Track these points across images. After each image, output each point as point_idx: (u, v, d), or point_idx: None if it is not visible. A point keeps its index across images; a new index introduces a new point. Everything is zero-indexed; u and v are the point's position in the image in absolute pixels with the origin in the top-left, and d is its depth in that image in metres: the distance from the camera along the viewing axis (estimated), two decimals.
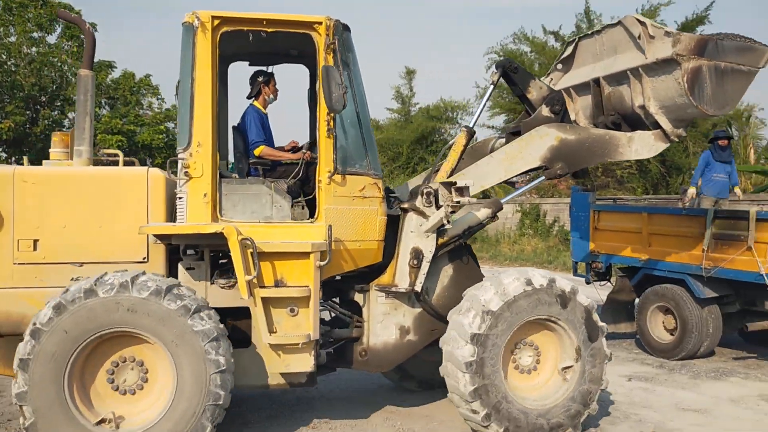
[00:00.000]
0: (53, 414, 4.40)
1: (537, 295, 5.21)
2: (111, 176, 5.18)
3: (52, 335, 4.41)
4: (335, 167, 5.18)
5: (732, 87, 5.82)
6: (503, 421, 5.08)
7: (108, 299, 4.49)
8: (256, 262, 4.82)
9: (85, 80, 5.32)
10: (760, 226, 7.38)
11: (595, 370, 5.32)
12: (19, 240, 4.93)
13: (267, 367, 5.03)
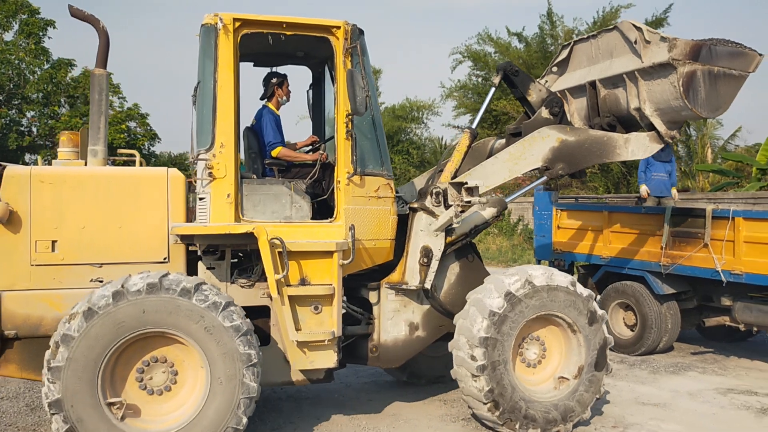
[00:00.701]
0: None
1: (573, 298, 5.50)
2: (131, 177, 5.17)
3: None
4: (354, 168, 5.30)
5: (724, 90, 6.15)
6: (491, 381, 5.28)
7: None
8: (286, 262, 4.90)
9: (100, 79, 5.29)
10: (715, 223, 7.54)
11: (586, 395, 5.49)
12: (36, 241, 4.88)
13: (292, 363, 5.10)
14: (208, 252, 5.27)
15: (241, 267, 5.41)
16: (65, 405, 4.33)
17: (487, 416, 5.34)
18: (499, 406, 5.23)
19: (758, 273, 7.12)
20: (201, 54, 5.26)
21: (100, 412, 4.40)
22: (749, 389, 6.87)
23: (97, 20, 5.28)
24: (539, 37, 19.74)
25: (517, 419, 5.27)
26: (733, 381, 7.22)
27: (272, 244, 4.89)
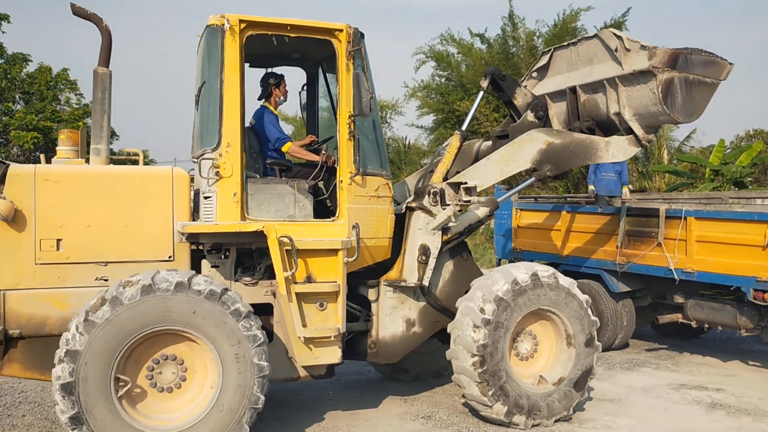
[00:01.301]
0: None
1: (584, 314, 5.84)
2: (137, 176, 5.17)
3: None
4: (357, 168, 5.42)
5: (699, 97, 6.52)
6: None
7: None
8: (295, 259, 4.99)
9: (103, 78, 5.27)
10: (669, 223, 7.68)
11: (557, 405, 5.66)
12: (41, 240, 4.85)
13: (297, 359, 5.19)
14: (212, 250, 5.31)
15: (244, 265, 5.47)
16: (77, 389, 4.32)
17: (468, 370, 5.46)
18: (485, 363, 5.42)
19: (709, 271, 7.29)
20: (205, 54, 5.30)
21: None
22: (700, 384, 7.07)
23: (99, 19, 5.27)
24: (501, 39, 20.15)
25: (494, 386, 5.44)
26: (686, 377, 7.40)
27: (281, 243, 4.97)
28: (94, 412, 4.37)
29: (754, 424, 5.78)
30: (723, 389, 6.87)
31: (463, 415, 5.92)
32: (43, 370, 4.88)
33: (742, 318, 7.24)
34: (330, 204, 5.78)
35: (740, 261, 6.98)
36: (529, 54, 18.89)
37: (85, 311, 4.44)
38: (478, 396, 5.49)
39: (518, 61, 19.10)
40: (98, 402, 4.37)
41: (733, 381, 7.22)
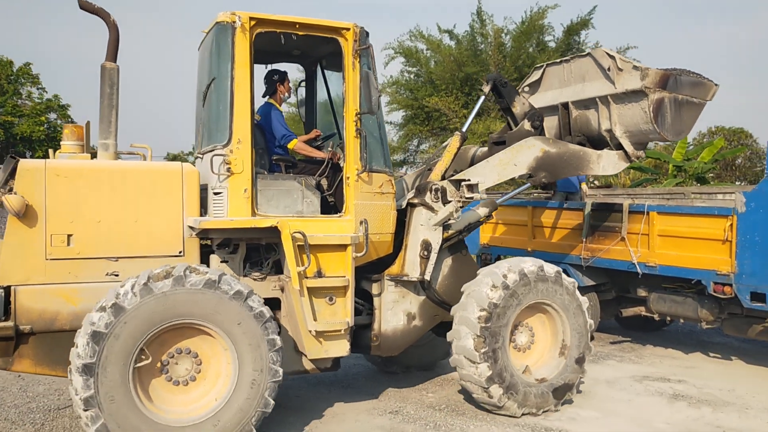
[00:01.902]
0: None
1: (585, 332, 6.16)
2: (147, 171, 5.17)
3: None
4: (363, 165, 5.52)
5: (687, 116, 6.83)
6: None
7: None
8: (308, 254, 5.07)
9: (111, 73, 5.24)
10: (632, 218, 7.78)
11: (530, 398, 5.80)
12: (52, 235, 4.83)
13: (307, 352, 5.28)
14: (221, 245, 5.35)
15: (251, 260, 5.52)
16: (96, 370, 4.35)
17: (472, 322, 5.64)
18: (489, 320, 5.64)
19: (671, 265, 7.43)
20: (214, 51, 5.32)
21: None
22: (663, 376, 7.20)
23: (107, 14, 5.24)
24: (470, 35, 20.33)
25: (489, 345, 5.62)
26: (648, 369, 7.53)
27: (294, 238, 5.05)
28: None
29: (714, 414, 5.96)
30: (684, 380, 7.03)
31: (431, 409, 6.01)
32: (54, 365, 4.86)
33: (703, 311, 7.40)
34: (331, 200, 5.87)
35: (701, 255, 7.14)
36: (498, 51, 19.14)
37: (147, 276, 4.53)
38: (471, 349, 5.61)
39: (486, 58, 19.34)
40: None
41: (694, 372, 7.39)
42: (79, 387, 4.34)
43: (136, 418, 4.44)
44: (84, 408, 4.34)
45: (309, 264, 5.10)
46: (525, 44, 19.02)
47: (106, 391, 4.36)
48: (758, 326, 7.16)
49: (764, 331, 7.12)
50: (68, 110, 20.06)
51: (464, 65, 19.19)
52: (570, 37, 19.27)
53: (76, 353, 4.38)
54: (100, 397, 4.34)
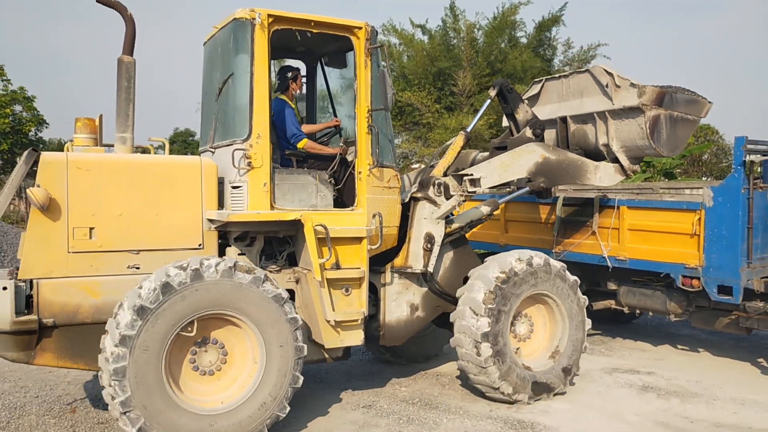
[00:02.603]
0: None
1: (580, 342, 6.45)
2: (168, 165, 5.23)
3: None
4: (374, 161, 5.69)
5: (681, 133, 7.12)
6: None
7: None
8: (329, 247, 5.22)
9: (128, 66, 5.26)
10: (603, 212, 7.91)
11: (512, 377, 5.94)
12: (74, 228, 4.85)
13: (324, 342, 5.44)
14: (238, 238, 5.46)
15: (268, 253, 5.64)
16: (129, 374, 4.44)
17: (491, 278, 5.93)
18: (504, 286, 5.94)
19: (640, 258, 7.53)
20: (232, 47, 5.39)
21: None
22: (632, 368, 7.34)
23: (124, 7, 5.26)
24: (442, 30, 20.56)
25: (497, 305, 5.87)
26: (618, 361, 7.67)
27: (315, 231, 5.20)
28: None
29: (682, 405, 6.12)
30: (654, 372, 7.19)
31: (404, 403, 6.09)
32: (76, 358, 4.91)
33: (672, 303, 7.55)
34: (334, 194, 6.00)
35: (669, 249, 7.27)
36: (470, 46, 19.40)
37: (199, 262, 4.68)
38: (479, 301, 5.86)
39: (459, 53, 19.60)
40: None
41: (663, 364, 7.53)
42: (111, 357, 4.45)
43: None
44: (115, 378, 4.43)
45: (331, 256, 5.25)
46: (497, 40, 19.32)
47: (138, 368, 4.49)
48: (725, 319, 7.32)
49: (731, 324, 7.28)
50: (33, 102, 19.54)
51: (437, 60, 19.41)
52: (541, 33, 19.65)
53: (115, 325, 4.50)
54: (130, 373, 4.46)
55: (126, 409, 4.42)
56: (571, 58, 19.73)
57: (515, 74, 18.58)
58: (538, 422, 5.60)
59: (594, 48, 19.54)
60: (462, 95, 18.96)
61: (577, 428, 5.49)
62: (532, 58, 18.80)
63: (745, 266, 6.73)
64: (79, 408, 5.76)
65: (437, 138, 18.18)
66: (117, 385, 4.40)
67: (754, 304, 6.90)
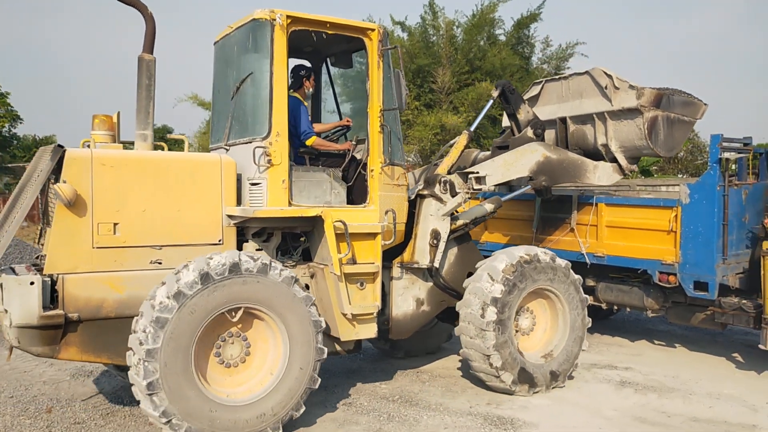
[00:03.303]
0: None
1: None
2: (189, 162, 5.32)
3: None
4: (386, 159, 5.86)
5: (678, 134, 7.38)
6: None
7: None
8: (348, 242, 5.38)
9: (149, 64, 5.33)
10: (581, 209, 7.97)
11: (505, 361, 6.08)
12: (99, 224, 4.93)
13: (340, 335, 5.60)
14: (255, 234, 5.58)
15: (283, 248, 5.77)
16: (159, 355, 4.56)
17: (516, 255, 6.19)
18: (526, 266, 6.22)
19: (618, 255, 7.62)
20: (251, 47, 5.50)
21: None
22: (610, 364, 7.42)
23: (144, 6, 5.32)
24: (422, 27, 20.78)
25: (506, 292, 6.08)
26: (597, 357, 7.70)
27: (334, 227, 5.35)
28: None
29: (660, 400, 6.20)
30: (631, 368, 7.25)
31: (384, 400, 6.10)
32: (99, 353, 4.97)
33: (649, 299, 7.63)
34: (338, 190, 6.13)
35: (647, 245, 7.35)
36: (449, 43, 19.66)
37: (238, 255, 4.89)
38: (498, 270, 6.08)
39: (438, 50, 19.84)
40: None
41: (640, 360, 7.61)
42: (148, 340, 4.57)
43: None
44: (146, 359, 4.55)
45: (350, 251, 5.41)
46: (476, 37, 19.60)
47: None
48: (701, 314, 7.41)
49: (706, 319, 7.38)
50: (8, 98, 19.17)
51: (416, 57, 19.59)
52: (520, 31, 19.99)
53: (150, 306, 4.63)
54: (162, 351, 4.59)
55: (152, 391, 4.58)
56: (549, 56, 20.15)
57: (494, 72, 18.91)
58: (518, 418, 5.67)
59: (572, 46, 19.98)
60: (441, 92, 19.20)
61: (557, 424, 5.58)
62: (511, 55, 19.13)
63: (721, 262, 6.88)
64: (55, 408, 5.77)
65: (417, 135, 18.40)
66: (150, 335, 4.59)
67: (729, 299, 7.04)
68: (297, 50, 6.72)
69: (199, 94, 22.82)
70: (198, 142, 23.56)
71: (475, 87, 18.39)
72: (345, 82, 7.94)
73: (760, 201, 7.30)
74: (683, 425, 5.60)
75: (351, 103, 7.59)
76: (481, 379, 6.31)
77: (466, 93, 18.61)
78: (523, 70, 19.75)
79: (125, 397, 6.02)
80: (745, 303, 6.91)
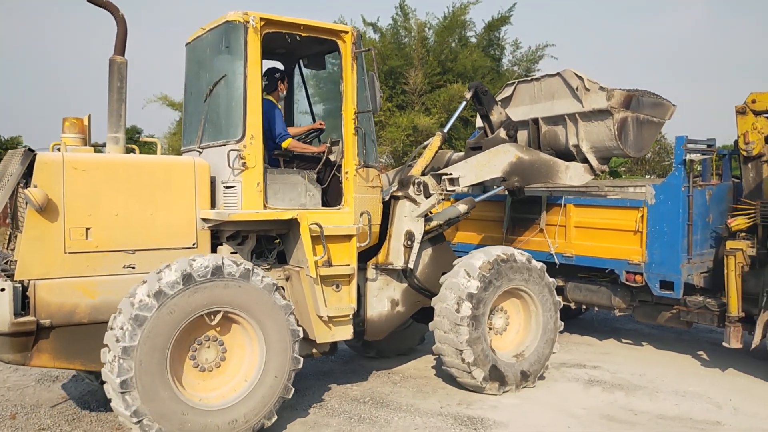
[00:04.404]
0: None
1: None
2: (162, 165, 5.28)
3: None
4: (360, 161, 5.88)
5: (647, 134, 7.52)
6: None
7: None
8: (324, 245, 5.39)
9: (120, 67, 5.28)
10: (550, 210, 8.06)
11: (475, 357, 6.13)
12: (71, 228, 4.87)
13: (316, 337, 5.61)
14: (230, 237, 5.56)
15: (258, 251, 5.77)
16: (135, 353, 4.53)
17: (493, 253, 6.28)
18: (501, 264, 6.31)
19: (586, 255, 7.73)
20: (224, 49, 5.48)
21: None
22: (579, 363, 7.53)
23: (115, 8, 5.27)
24: (393, 29, 20.82)
25: (481, 288, 6.17)
26: (566, 356, 7.77)
27: (310, 229, 5.36)
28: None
29: (627, 398, 6.32)
30: (599, 366, 7.37)
31: (355, 402, 6.13)
32: (72, 359, 4.91)
33: (616, 299, 7.75)
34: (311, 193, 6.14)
35: (614, 245, 7.46)
36: (421, 45, 19.73)
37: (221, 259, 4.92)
38: (475, 267, 6.16)
39: (410, 52, 19.91)
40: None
41: (608, 358, 7.73)
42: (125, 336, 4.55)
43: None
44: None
45: (325, 254, 5.43)
46: (448, 39, 19.70)
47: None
48: (667, 313, 7.53)
49: (672, 318, 7.50)
50: None
51: (388, 58, 19.64)
52: (491, 33, 20.14)
53: (130, 303, 4.60)
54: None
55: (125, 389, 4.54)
56: (519, 58, 20.34)
57: (466, 73, 19.03)
58: (488, 418, 5.73)
59: (542, 48, 20.19)
60: (414, 94, 19.27)
61: (526, 423, 5.65)
62: (482, 57, 19.27)
63: (686, 262, 7.02)
64: (20, 414, 5.68)
65: (389, 136, 18.44)
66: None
67: (694, 298, 7.18)
68: (269, 52, 6.69)
69: (168, 95, 22.56)
70: (168, 143, 23.27)
71: (447, 88, 18.50)
72: (318, 83, 7.94)
73: (724, 201, 7.47)
74: (650, 423, 5.70)
75: (324, 105, 7.59)
76: (453, 374, 6.36)
77: (438, 94, 18.71)
78: (494, 72, 19.92)
79: (92, 402, 5.97)
80: (709, 302, 7.06)
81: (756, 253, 6.75)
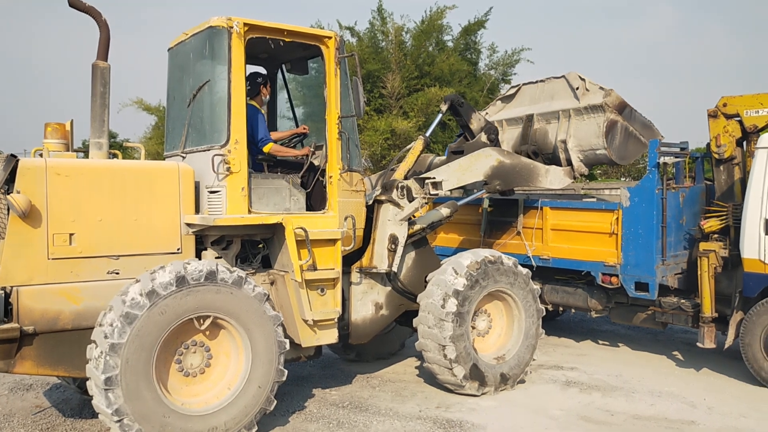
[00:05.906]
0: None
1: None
2: (146, 170, 5.27)
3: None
4: (344, 165, 5.93)
5: (632, 148, 7.70)
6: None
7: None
8: (309, 249, 5.42)
9: (103, 72, 5.27)
10: (527, 213, 8.13)
11: (457, 355, 6.19)
12: (54, 234, 4.84)
13: (301, 341, 5.64)
14: (215, 242, 5.56)
15: (242, 255, 5.77)
16: (122, 351, 4.53)
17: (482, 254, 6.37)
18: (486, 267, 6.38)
19: (563, 257, 7.84)
20: (207, 55, 5.49)
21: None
22: (556, 364, 7.56)
23: (98, 12, 5.26)
24: (370, 33, 20.89)
25: (463, 294, 6.23)
26: (543, 358, 7.80)
27: (295, 234, 5.39)
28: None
29: (604, 399, 6.37)
30: (576, 368, 7.41)
31: (334, 407, 6.11)
32: (56, 365, 4.88)
33: (593, 300, 7.88)
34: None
35: (590, 248, 7.55)
36: (398, 48, 19.82)
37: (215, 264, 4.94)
38: (463, 265, 6.25)
39: (388, 56, 19.99)
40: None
41: (585, 360, 7.79)
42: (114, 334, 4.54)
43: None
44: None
45: (311, 258, 5.46)
46: (425, 43, 19.81)
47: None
48: (642, 314, 7.65)
49: (648, 319, 7.62)
50: None
51: (366, 62, 19.68)
52: (467, 37, 20.31)
53: (121, 301, 4.60)
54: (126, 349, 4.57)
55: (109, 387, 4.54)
56: (496, 62, 20.54)
57: (443, 77, 19.18)
58: (467, 420, 5.75)
59: (518, 52, 20.42)
60: (391, 97, 19.35)
61: (504, 425, 5.68)
62: (459, 61, 19.43)
63: (660, 263, 7.13)
64: None
65: (367, 140, 18.50)
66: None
67: (668, 299, 7.30)
68: (252, 57, 6.68)
69: (144, 99, 22.38)
70: (144, 147, 23.12)
71: (425, 92, 18.62)
72: (300, 88, 7.97)
73: (697, 203, 7.63)
74: (626, 423, 5.79)
75: (306, 109, 7.63)
76: (434, 371, 6.40)
77: (416, 98, 18.82)
78: (471, 76, 20.10)
79: (66, 410, 5.92)
80: (683, 303, 7.21)
81: (728, 255, 6.93)
